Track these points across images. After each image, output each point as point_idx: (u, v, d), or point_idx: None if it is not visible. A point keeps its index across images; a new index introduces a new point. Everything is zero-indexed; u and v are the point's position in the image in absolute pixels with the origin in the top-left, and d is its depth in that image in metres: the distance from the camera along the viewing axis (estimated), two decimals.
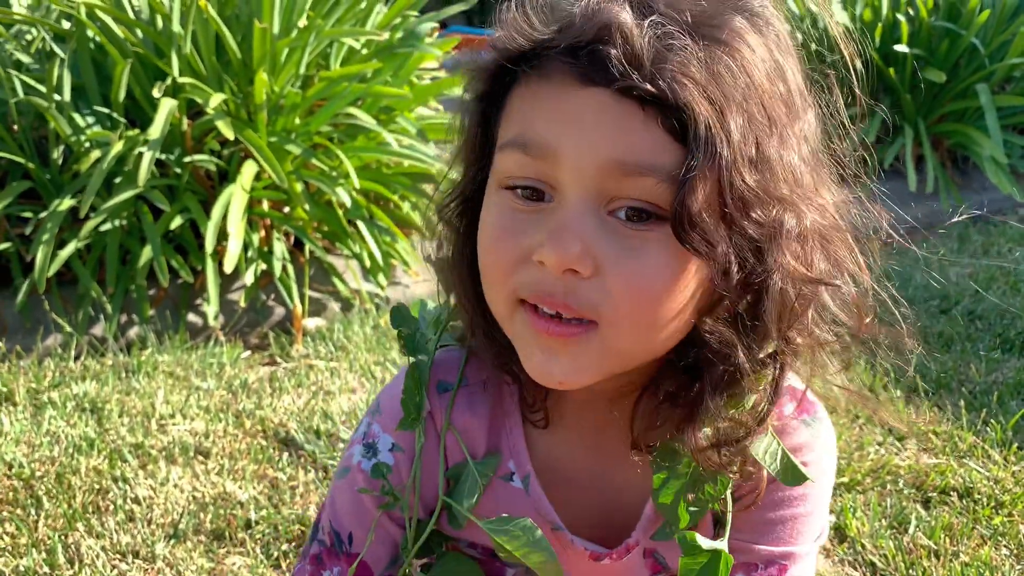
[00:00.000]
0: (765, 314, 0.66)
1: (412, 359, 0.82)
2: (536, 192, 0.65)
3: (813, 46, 0.72)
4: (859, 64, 0.72)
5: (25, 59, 2.54)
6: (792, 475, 0.74)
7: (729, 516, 0.77)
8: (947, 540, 1.59)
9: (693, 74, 0.59)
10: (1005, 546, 1.59)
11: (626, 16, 0.60)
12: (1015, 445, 1.89)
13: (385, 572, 0.85)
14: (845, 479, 1.77)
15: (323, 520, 0.87)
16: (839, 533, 1.62)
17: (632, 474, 0.79)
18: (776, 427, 0.75)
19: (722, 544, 0.73)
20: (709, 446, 0.71)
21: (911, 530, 1.61)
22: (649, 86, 0.59)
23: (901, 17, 3.58)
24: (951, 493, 1.74)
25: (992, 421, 1.98)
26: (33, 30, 2.61)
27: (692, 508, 0.74)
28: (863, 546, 1.58)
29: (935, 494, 1.74)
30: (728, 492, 0.76)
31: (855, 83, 0.72)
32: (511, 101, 0.67)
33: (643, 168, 0.60)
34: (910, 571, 1.52)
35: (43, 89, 2.31)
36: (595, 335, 0.65)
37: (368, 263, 2.57)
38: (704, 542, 0.73)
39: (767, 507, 0.79)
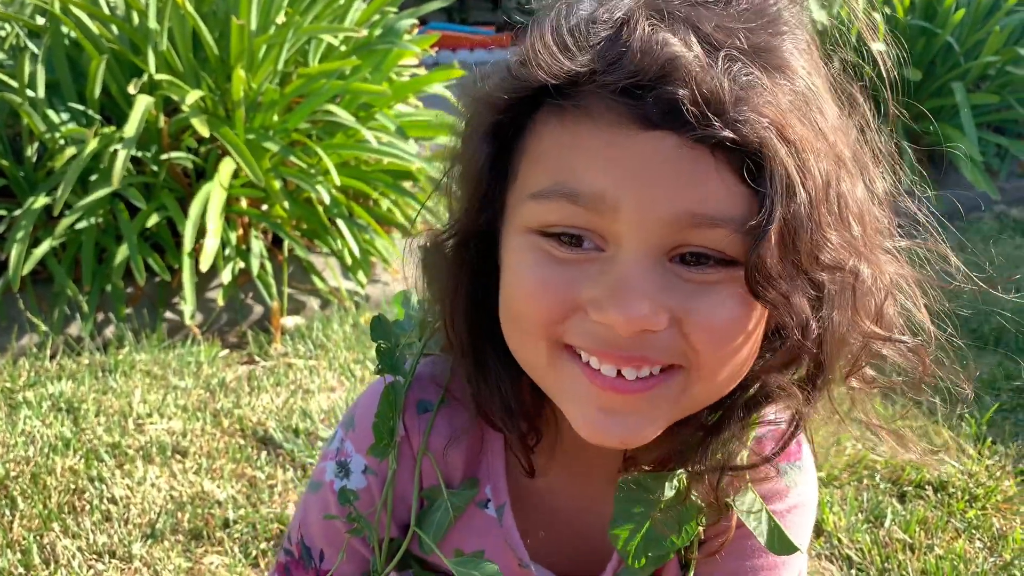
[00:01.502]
0: (827, 361, 0.63)
1: (388, 379, 0.78)
2: (577, 238, 0.59)
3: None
4: (890, 70, 0.69)
5: None
6: (779, 543, 0.69)
7: (693, 564, 0.75)
8: (922, 533, 1.60)
9: (770, 113, 0.54)
10: (979, 539, 1.61)
11: (691, 52, 0.53)
12: (989, 439, 1.91)
13: None
14: (822, 474, 1.79)
15: (293, 531, 0.85)
16: (816, 527, 1.64)
17: (611, 512, 0.76)
18: (754, 479, 0.72)
19: None
20: (711, 470, 0.68)
21: (887, 524, 1.63)
22: (728, 132, 0.53)
23: (878, 16, 3.61)
24: (926, 487, 1.76)
25: (967, 416, 2.00)
26: (7, 26, 2.58)
27: (650, 552, 0.70)
28: (839, 540, 1.59)
29: (911, 488, 1.76)
30: (696, 540, 0.73)
31: (887, 93, 0.70)
32: (539, 138, 0.60)
33: (716, 220, 0.55)
34: (885, 564, 1.53)
35: (16, 85, 2.28)
36: (676, 381, 0.61)
37: (348, 261, 2.56)
38: None
39: (736, 555, 0.76)
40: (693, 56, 0.53)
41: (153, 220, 2.33)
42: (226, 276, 2.36)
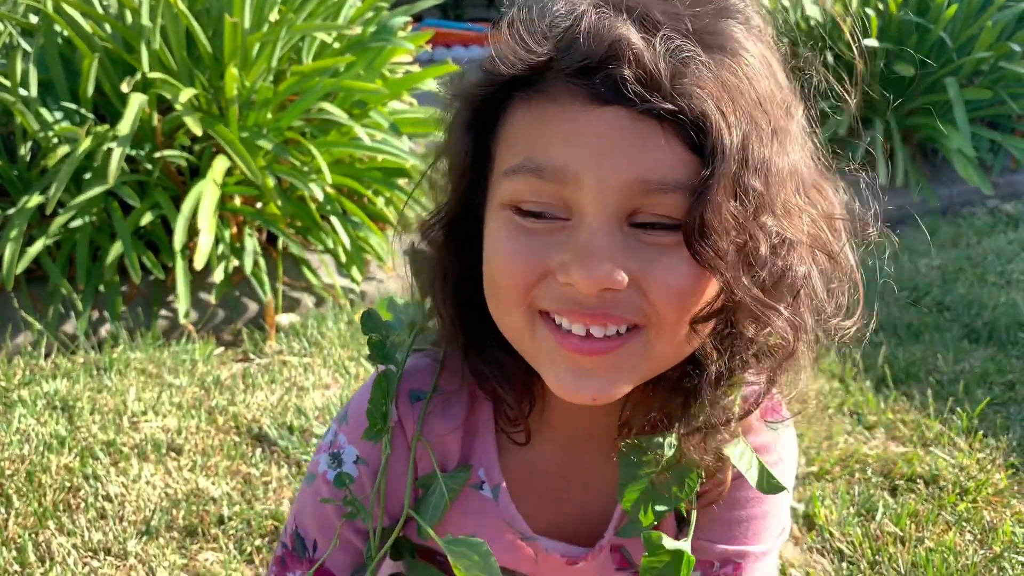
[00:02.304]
0: (764, 323, 0.66)
1: (380, 368, 0.80)
2: (541, 214, 0.64)
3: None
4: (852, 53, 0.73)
5: None
6: (768, 483, 0.74)
7: (694, 515, 0.78)
8: (913, 526, 1.61)
9: (708, 86, 0.59)
10: (969, 531, 1.62)
11: (634, 32, 0.59)
12: (980, 433, 1.92)
13: None
14: (814, 468, 1.80)
15: (288, 523, 0.88)
16: (808, 521, 1.65)
17: (607, 478, 0.79)
18: (744, 429, 0.76)
19: (685, 544, 0.74)
20: (696, 430, 0.71)
21: (878, 517, 1.64)
22: (669, 104, 0.58)
23: (871, 11, 3.62)
24: (917, 480, 1.77)
25: (958, 410, 2.02)
26: (0, 25, 2.58)
27: (656, 507, 0.74)
28: (831, 533, 1.60)
29: (902, 482, 1.77)
30: (694, 493, 0.76)
31: (853, 75, 0.73)
32: (511, 124, 0.66)
33: (666, 185, 0.60)
34: (876, 557, 1.54)
35: (8, 84, 2.29)
36: (639, 339, 0.65)
37: (342, 258, 2.57)
38: (667, 542, 0.73)
39: (727, 506, 0.80)
40: (637, 38, 0.59)
41: (147, 218, 2.33)
42: (220, 274, 2.36)
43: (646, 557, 0.74)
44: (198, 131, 2.22)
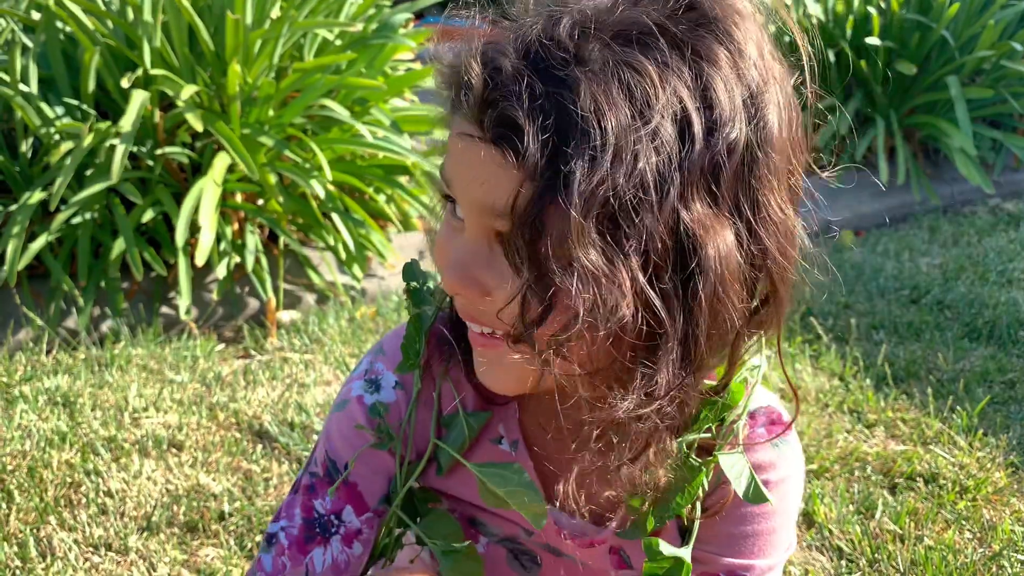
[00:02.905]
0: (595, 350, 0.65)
1: (415, 310, 0.85)
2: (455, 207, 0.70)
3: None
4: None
5: None
6: (754, 493, 0.76)
7: (696, 525, 0.79)
8: (912, 525, 1.62)
9: (527, 114, 0.58)
10: (968, 530, 1.62)
11: (475, 62, 0.62)
12: (980, 431, 1.92)
13: (379, 507, 0.85)
14: (814, 466, 1.80)
15: (318, 452, 0.88)
16: (807, 519, 1.65)
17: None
18: (745, 444, 0.77)
19: (685, 552, 0.75)
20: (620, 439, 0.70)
21: (878, 515, 1.64)
22: (488, 127, 0.60)
23: (872, 10, 3.61)
24: (917, 479, 1.77)
25: (958, 408, 2.02)
26: (1, 21, 2.58)
27: (657, 513, 0.76)
28: (830, 531, 1.60)
29: (902, 480, 1.77)
30: (698, 503, 0.78)
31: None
32: (451, 126, 0.70)
33: (502, 211, 0.61)
34: (876, 555, 1.54)
35: (9, 80, 2.29)
36: (508, 348, 0.68)
37: (343, 255, 2.57)
38: (667, 548, 0.74)
39: (732, 522, 0.80)
40: (473, 66, 0.61)
41: (149, 215, 2.33)
42: (221, 271, 2.37)
43: (647, 563, 0.75)
44: (200, 128, 2.22)
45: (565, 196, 0.57)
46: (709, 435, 0.75)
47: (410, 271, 0.88)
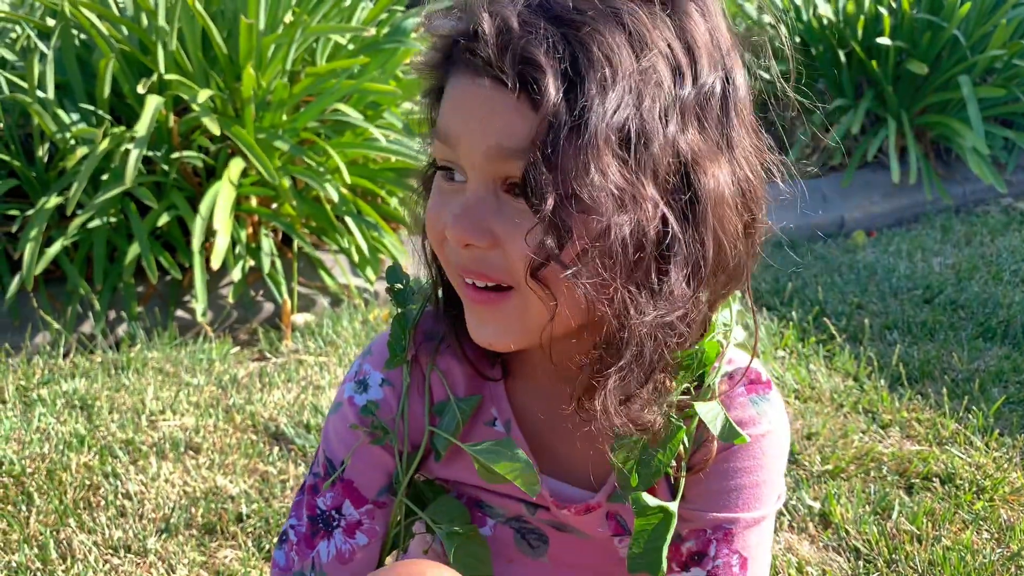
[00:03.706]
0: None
1: (399, 310, 0.88)
2: (451, 171, 0.72)
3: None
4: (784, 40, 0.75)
5: (10, 56, 2.54)
6: (728, 432, 0.78)
7: (682, 482, 0.81)
8: (929, 525, 1.61)
9: (545, 53, 0.63)
10: (986, 530, 1.62)
11: (485, 14, 0.65)
12: (996, 431, 1.92)
13: (378, 499, 0.88)
14: (829, 467, 1.80)
15: (319, 454, 0.92)
16: (824, 519, 1.65)
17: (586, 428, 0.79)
18: (724, 400, 0.80)
19: (672, 505, 0.77)
20: (620, 389, 0.72)
21: (894, 516, 1.64)
22: (507, 70, 0.63)
23: (883, 10, 3.61)
24: (933, 479, 1.77)
25: (974, 408, 2.01)
26: (17, 27, 2.60)
27: (643, 471, 0.79)
28: (847, 532, 1.60)
29: (918, 480, 1.76)
30: (683, 462, 0.81)
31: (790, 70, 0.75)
32: (445, 92, 0.73)
33: (516, 150, 0.65)
34: (893, 556, 1.54)
35: (26, 86, 2.31)
36: (511, 299, 0.71)
37: (356, 258, 2.58)
38: (651, 500, 0.77)
39: (716, 477, 0.82)
40: (486, 14, 0.66)
41: (164, 219, 2.35)
42: (236, 274, 2.38)
43: (637, 519, 0.78)
44: (217, 131, 2.24)
45: (585, 125, 0.62)
46: (688, 397, 0.79)
47: (393, 273, 0.91)
